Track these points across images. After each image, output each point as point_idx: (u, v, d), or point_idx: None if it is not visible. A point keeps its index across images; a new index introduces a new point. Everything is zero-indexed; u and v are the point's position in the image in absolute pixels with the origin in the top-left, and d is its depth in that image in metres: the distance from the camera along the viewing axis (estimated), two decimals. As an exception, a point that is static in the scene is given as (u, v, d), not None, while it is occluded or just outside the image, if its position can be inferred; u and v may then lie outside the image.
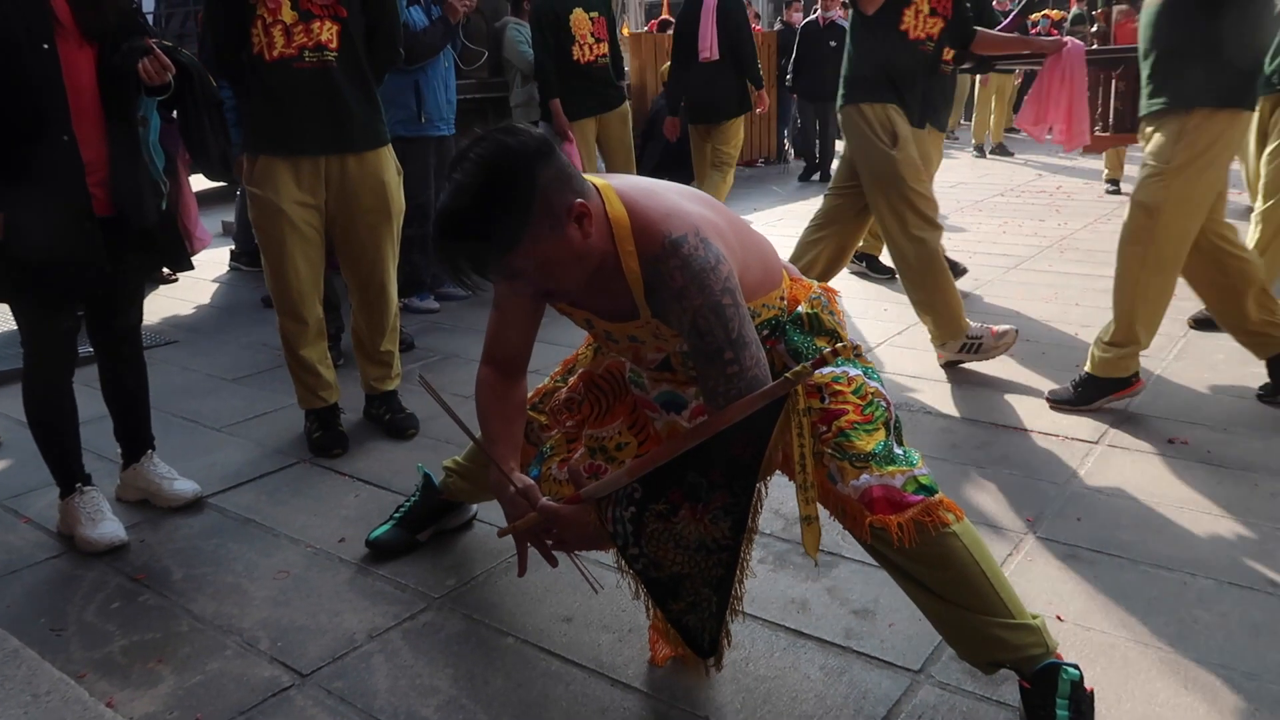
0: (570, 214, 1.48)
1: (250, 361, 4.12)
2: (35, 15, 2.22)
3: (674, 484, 1.53)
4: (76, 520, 2.50)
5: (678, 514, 1.55)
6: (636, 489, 1.55)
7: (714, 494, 1.53)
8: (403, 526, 2.43)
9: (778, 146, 10.79)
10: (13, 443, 3.28)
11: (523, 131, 1.49)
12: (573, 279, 1.55)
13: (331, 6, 2.86)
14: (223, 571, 2.38)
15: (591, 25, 5.34)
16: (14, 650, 1.92)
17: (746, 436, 1.51)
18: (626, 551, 1.59)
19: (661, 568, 1.59)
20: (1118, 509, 2.49)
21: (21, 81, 2.21)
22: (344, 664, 1.98)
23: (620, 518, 1.56)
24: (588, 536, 1.62)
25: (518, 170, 1.43)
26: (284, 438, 3.23)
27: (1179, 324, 4.03)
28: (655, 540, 1.57)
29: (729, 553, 1.58)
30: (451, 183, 1.44)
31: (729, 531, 1.55)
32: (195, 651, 2.04)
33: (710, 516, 1.54)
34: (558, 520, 1.61)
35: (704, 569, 1.59)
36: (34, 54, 2.21)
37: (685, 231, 1.52)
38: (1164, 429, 2.98)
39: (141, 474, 2.75)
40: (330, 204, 3.02)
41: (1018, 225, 6.50)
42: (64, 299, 2.47)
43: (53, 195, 2.30)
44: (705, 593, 1.60)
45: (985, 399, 3.29)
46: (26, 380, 2.54)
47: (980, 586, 1.59)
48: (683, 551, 1.58)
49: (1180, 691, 1.78)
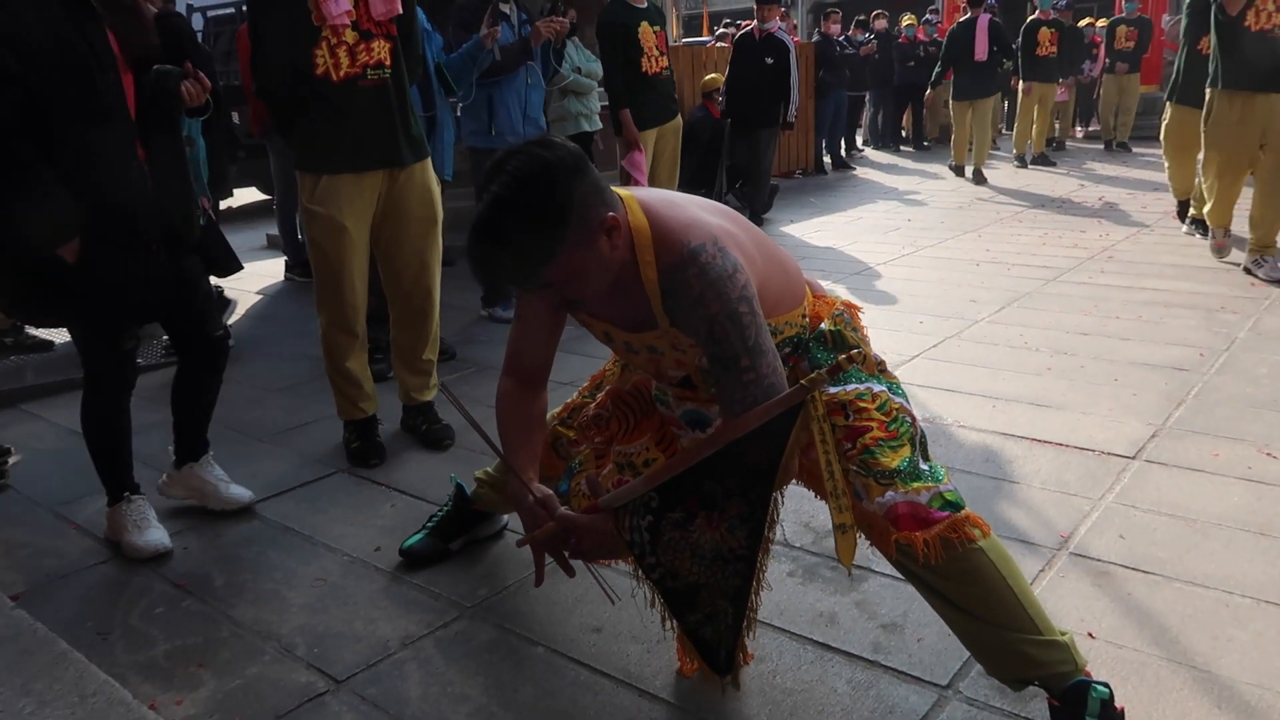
0: (602, 227, 1.50)
1: (291, 372, 4.21)
2: (101, 44, 2.29)
3: (690, 492, 1.53)
4: (124, 527, 2.58)
5: (694, 522, 1.54)
6: (654, 497, 1.55)
7: (729, 501, 1.53)
8: (435, 535, 2.47)
9: (815, 157, 10.78)
10: (61, 451, 3.38)
11: (559, 145, 1.50)
12: (595, 289, 1.58)
13: (384, 25, 2.94)
14: (262, 578, 2.43)
15: (655, 38, 5.43)
16: (62, 653, 1.98)
17: (762, 444, 1.51)
18: (644, 561, 1.59)
19: (678, 577, 1.59)
20: (1153, 525, 2.46)
21: (95, 108, 2.26)
22: (378, 671, 2.02)
23: (638, 526, 1.57)
24: (605, 546, 1.63)
25: (555, 184, 1.45)
26: (323, 448, 3.30)
27: (1220, 337, 3.97)
28: (672, 549, 1.57)
29: (745, 563, 1.57)
30: (489, 194, 1.46)
31: (745, 540, 1.55)
32: (235, 656, 2.10)
33: (726, 525, 1.54)
34: (576, 530, 1.62)
35: (720, 579, 1.58)
36: (104, 81, 2.27)
37: (704, 240, 1.54)
38: (1204, 444, 2.94)
39: (197, 474, 2.81)
40: (379, 216, 3.09)
41: (1058, 236, 6.43)
42: (131, 320, 2.53)
43: (128, 218, 2.35)
44: (722, 604, 1.60)
45: (1020, 412, 3.27)
46: (86, 400, 2.59)
47: (1007, 602, 1.59)
48: (699, 561, 1.57)
49: (1213, 711, 1.76)
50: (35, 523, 2.82)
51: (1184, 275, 5.15)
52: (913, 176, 10.12)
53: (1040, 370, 3.69)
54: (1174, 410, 3.21)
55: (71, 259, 2.28)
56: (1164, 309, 4.48)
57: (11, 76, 2.13)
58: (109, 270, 2.32)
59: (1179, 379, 3.51)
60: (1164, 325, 4.21)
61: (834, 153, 11.15)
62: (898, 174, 10.39)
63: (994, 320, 4.45)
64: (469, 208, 1.59)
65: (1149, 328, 4.19)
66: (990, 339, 4.15)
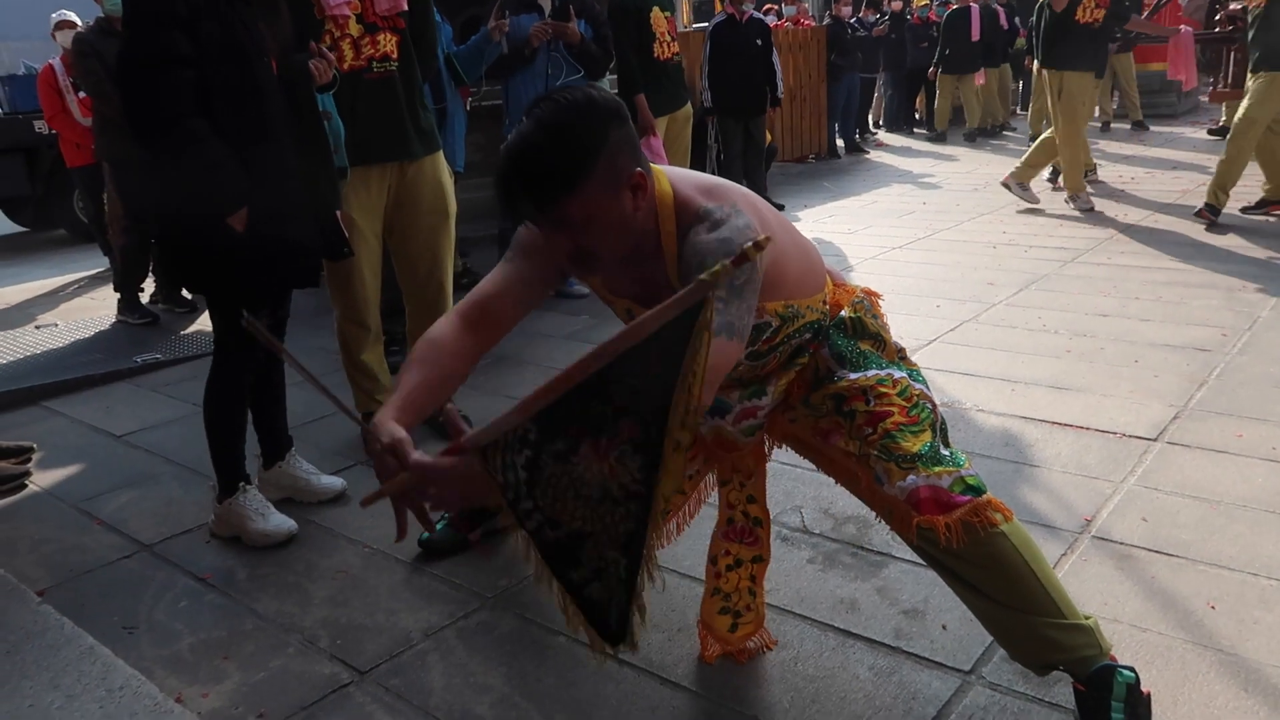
0: (629, 179, 1.51)
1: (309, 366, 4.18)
2: (256, 32, 2.43)
3: (576, 420, 1.27)
4: (246, 517, 2.59)
5: (578, 451, 1.28)
6: (530, 429, 1.29)
7: (621, 423, 1.27)
8: (452, 526, 2.47)
9: (829, 142, 10.71)
10: (83, 448, 3.41)
11: (606, 91, 1.54)
12: (610, 247, 1.55)
13: (391, 18, 2.94)
14: (285, 571, 2.45)
15: (667, 24, 5.40)
16: (89, 647, 2.00)
17: (659, 350, 1.23)
18: (518, 506, 1.34)
19: (559, 526, 1.34)
20: (1176, 508, 2.44)
21: (256, 87, 2.40)
22: (400, 662, 2.03)
23: (512, 464, 1.32)
24: (471, 492, 1.38)
25: (594, 120, 1.47)
26: (342, 440, 3.31)
27: (1242, 316, 3.93)
28: (552, 489, 1.32)
29: (639, 502, 1.31)
30: (530, 118, 1.48)
31: (639, 473, 1.29)
32: (259, 649, 2.11)
33: (616, 454, 1.28)
34: (434, 477, 1.38)
35: (609, 524, 1.34)
36: (261, 64, 2.41)
37: (721, 203, 1.55)
38: (1226, 425, 2.91)
39: (286, 472, 2.85)
40: (389, 209, 3.09)
41: (1075, 217, 6.37)
42: (285, 287, 2.63)
43: (291, 190, 2.49)
44: (611, 555, 1.36)
45: (1039, 396, 3.24)
46: (215, 381, 2.61)
47: (1030, 586, 1.58)
48: (583, 503, 1.32)
49: (1240, 694, 1.75)
50: (59, 519, 2.85)
51: (1204, 255, 5.09)
52: (927, 159, 10.04)
53: (1059, 353, 3.66)
54: (1196, 391, 3.18)
55: (241, 228, 2.38)
56: (1184, 289, 4.43)
57: (187, 59, 2.30)
58: (272, 239, 2.43)
59: (1201, 359, 3.48)
60: (1185, 305, 4.17)
61: (847, 137, 11.08)
62: (912, 157, 10.32)
63: (1012, 303, 4.42)
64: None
65: (1169, 308, 4.15)
66: (1008, 322, 4.12)
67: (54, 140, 7.90)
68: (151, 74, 2.28)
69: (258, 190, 2.39)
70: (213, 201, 2.35)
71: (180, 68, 2.29)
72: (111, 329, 5.06)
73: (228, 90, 2.36)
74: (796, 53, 9.97)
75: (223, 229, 2.36)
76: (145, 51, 2.28)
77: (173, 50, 2.28)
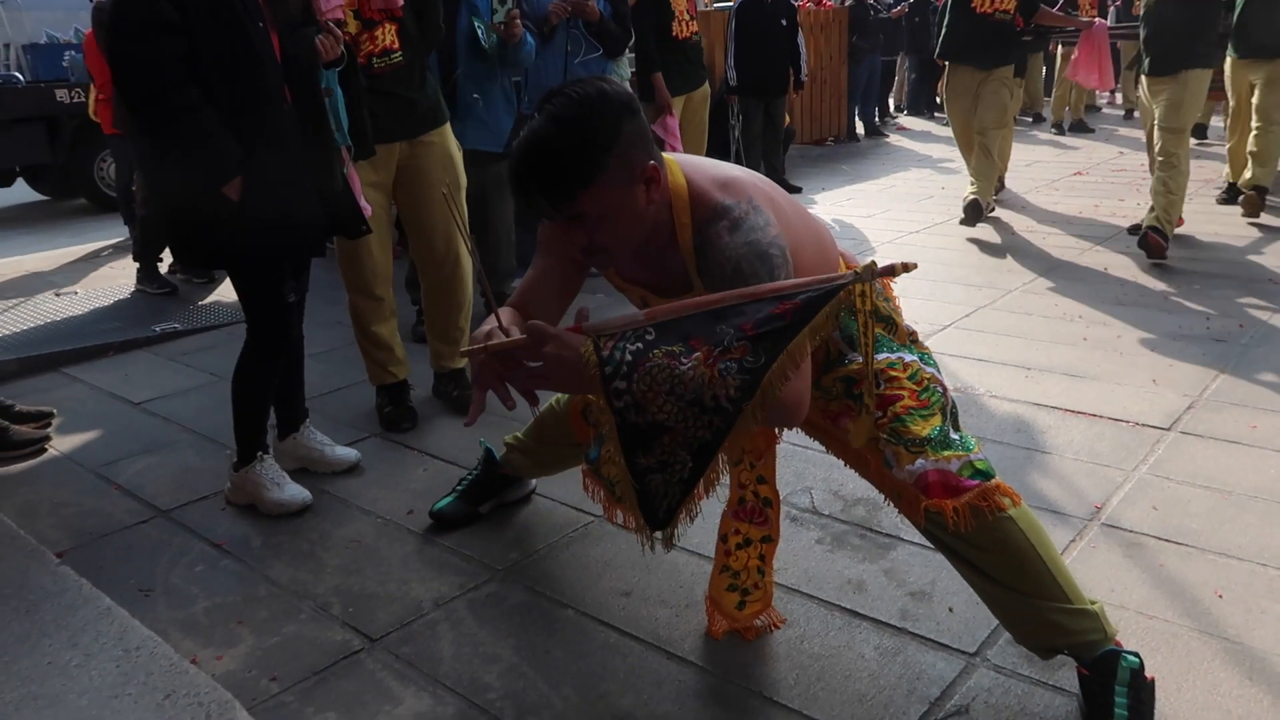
0: (642, 172, 1.52)
1: (324, 339, 4.24)
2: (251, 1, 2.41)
3: (698, 331, 1.40)
4: (262, 485, 2.62)
5: (690, 355, 1.40)
6: (650, 330, 1.42)
7: (737, 345, 1.39)
8: (464, 499, 2.50)
9: (848, 125, 10.64)
10: (102, 414, 3.45)
11: (619, 84, 1.55)
12: (623, 240, 1.57)
13: (388, 8, 2.94)
14: (299, 540, 2.48)
15: (686, 2, 5.37)
16: (106, 609, 2.04)
17: (791, 305, 1.39)
18: (611, 384, 1.41)
19: (645, 412, 1.42)
20: (1187, 497, 2.43)
21: (249, 54, 2.36)
22: (411, 630, 2.06)
23: (621, 349, 1.41)
24: (567, 374, 1.45)
25: (607, 114, 1.48)
26: (357, 412, 3.34)
27: (1260, 307, 3.90)
28: (651, 378, 1.40)
29: (723, 418, 1.40)
30: (543, 112, 1.49)
31: (735, 392, 1.38)
32: (272, 615, 2.14)
33: (722, 366, 1.38)
34: (548, 338, 1.45)
35: (690, 427, 1.42)
36: (255, 31, 2.38)
37: (738, 199, 1.55)
38: (1241, 416, 2.90)
39: (301, 443, 2.88)
40: (399, 185, 3.10)
41: (1095, 205, 6.32)
42: (289, 257, 2.60)
43: (288, 159, 2.46)
44: (682, 455, 1.45)
45: (1053, 383, 3.24)
46: (247, 360, 2.63)
47: (1037, 571, 1.59)
48: (674, 400, 1.40)
49: (1244, 682, 1.75)
50: (78, 483, 2.89)
51: (1222, 244, 5.05)
52: (946, 144, 9.95)
53: (1075, 340, 3.65)
54: (1211, 381, 3.17)
55: (235, 197, 2.37)
56: (1202, 278, 4.40)
57: (174, 27, 2.27)
58: (269, 209, 2.42)
59: (1217, 350, 3.46)
60: (1203, 295, 4.14)
61: (867, 119, 11.00)
62: (931, 141, 10.24)
63: (1028, 289, 4.40)
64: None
65: (1187, 297, 4.12)
66: (1024, 308, 4.11)
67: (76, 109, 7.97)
68: (138, 45, 2.25)
69: (253, 160, 2.37)
70: (204, 171, 2.33)
71: (167, 36, 2.26)
72: (131, 298, 5.10)
73: (219, 58, 2.32)
74: (817, 34, 9.89)
75: (217, 198, 2.35)
76: (131, 21, 2.26)
77: (158, 18, 2.24)
